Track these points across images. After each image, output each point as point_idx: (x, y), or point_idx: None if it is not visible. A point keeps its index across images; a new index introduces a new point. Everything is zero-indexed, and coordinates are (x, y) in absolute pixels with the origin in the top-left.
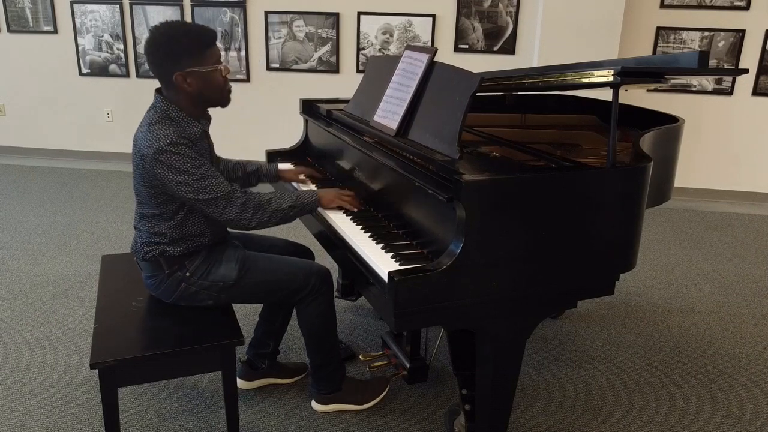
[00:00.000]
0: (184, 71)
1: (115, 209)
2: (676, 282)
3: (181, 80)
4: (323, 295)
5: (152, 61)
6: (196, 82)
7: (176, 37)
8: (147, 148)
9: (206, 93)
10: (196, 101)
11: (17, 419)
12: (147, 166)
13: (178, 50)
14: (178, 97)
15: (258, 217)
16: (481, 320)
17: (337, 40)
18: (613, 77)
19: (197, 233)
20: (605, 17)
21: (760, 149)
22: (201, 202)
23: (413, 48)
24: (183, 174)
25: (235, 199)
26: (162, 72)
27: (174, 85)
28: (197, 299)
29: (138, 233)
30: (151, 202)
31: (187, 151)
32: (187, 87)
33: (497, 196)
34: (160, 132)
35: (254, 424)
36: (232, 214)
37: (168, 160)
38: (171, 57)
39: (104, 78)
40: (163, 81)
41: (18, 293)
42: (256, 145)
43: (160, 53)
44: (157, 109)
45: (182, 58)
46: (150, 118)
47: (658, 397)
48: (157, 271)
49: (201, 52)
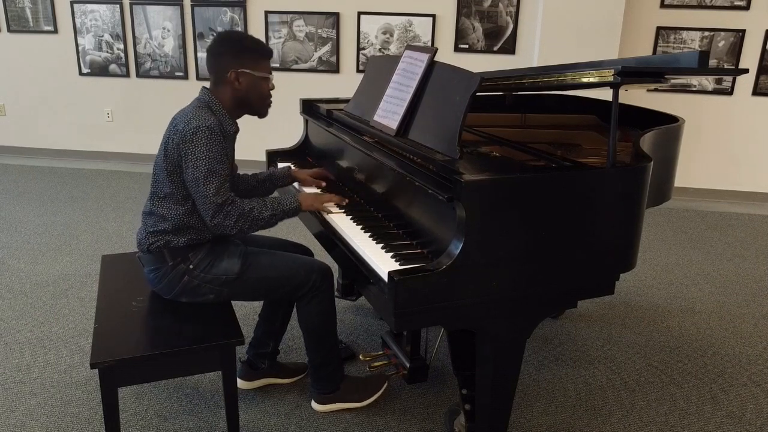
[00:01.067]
0: (239, 70)
1: (115, 209)
2: (676, 282)
3: (234, 77)
4: (324, 292)
5: (215, 52)
6: (246, 83)
7: (242, 39)
8: (185, 124)
9: (251, 97)
10: (239, 103)
11: (17, 419)
12: (177, 140)
13: (241, 49)
14: (224, 94)
15: (240, 225)
16: (481, 320)
17: (337, 39)
18: (613, 77)
19: (202, 226)
20: (605, 17)
21: (760, 149)
22: (199, 193)
23: (413, 48)
24: (203, 159)
25: (225, 209)
26: (219, 65)
27: (225, 81)
28: (199, 293)
29: (144, 222)
30: (167, 181)
31: (218, 142)
32: (237, 85)
33: (497, 196)
34: (204, 115)
35: (254, 423)
36: (216, 220)
37: (199, 140)
38: (233, 53)
39: (104, 78)
40: (216, 75)
41: (18, 293)
42: (256, 145)
43: (225, 47)
44: (201, 101)
45: (242, 57)
46: (193, 105)
47: (658, 397)
48: (160, 263)
49: (259, 59)
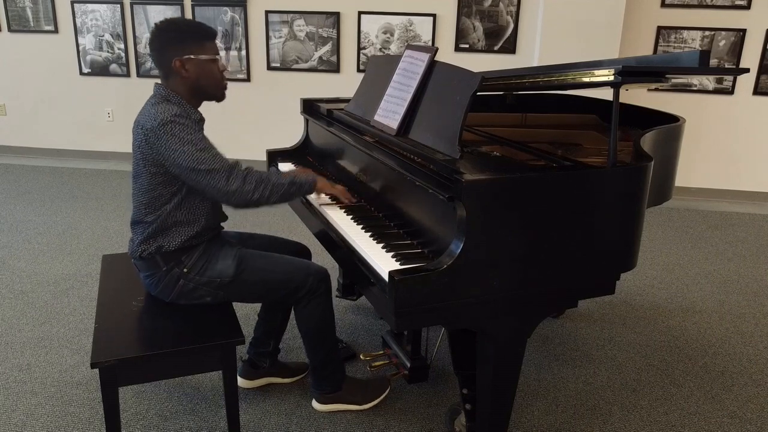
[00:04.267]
0: (183, 58)
1: (115, 209)
2: (676, 281)
3: (179, 66)
4: (321, 295)
5: (155, 47)
6: (194, 69)
7: (178, 26)
8: (151, 122)
9: (203, 83)
10: (193, 90)
11: (18, 418)
12: (150, 140)
13: (179, 37)
14: (176, 85)
15: (260, 190)
16: (482, 320)
17: (337, 39)
18: (614, 77)
19: (191, 219)
20: (606, 16)
21: (761, 148)
22: (202, 173)
23: (414, 47)
24: (186, 143)
25: (237, 172)
26: (162, 58)
27: (173, 72)
28: (195, 296)
29: (134, 231)
30: (150, 184)
31: (191, 123)
32: (184, 73)
33: (498, 195)
34: (164, 108)
35: (255, 423)
36: (234, 185)
37: (172, 129)
38: (172, 42)
39: (105, 78)
40: (163, 68)
41: (19, 293)
42: (256, 145)
43: (163, 39)
44: (157, 96)
45: (182, 44)
46: (151, 102)
47: (659, 397)
48: (154, 269)
49: (201, 42)
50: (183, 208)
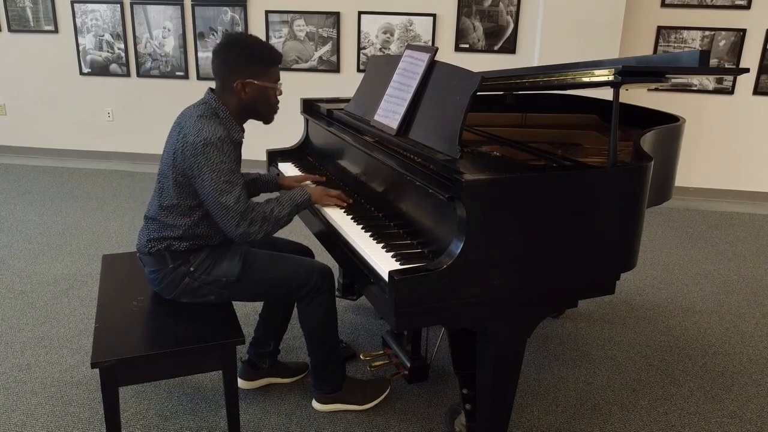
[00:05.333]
0: (245, 80)
1: (115, 209)
2: (676, 281)
3: (240, 88)
4: (324, 293)
5: (220, 57)
6: (253, 93)
7: (250, 46)
8: (195, 137)
9: (258, 106)
10: (245, 110)
11: (18, 418)
12: (187, 153)
13: (248, 58)
14: (230, 101)
15: (265, 228)
16: (482, 320)
17: (337, 39)
18: (614, 77)
19: (209, 235)
20: (606, 16)
21: (761, 148)
22: (217, 205)
23: (414, 47)
24: (217, 172)
25: (248, 216)
26: (226, 73)
27: (231, 90)
28: (199, 294)
29: (146, 226)
30: (173, 192)
31: (230, 152)
32: (243, 96)
33: (498, 195)
34: (212, 125)
35: (255, 423)
36: (241, 229)
37: (211, 153)
38: (240, 62)
39: (105, 77)
40: (222, 82)
41: (19, 293)
42: (256, 145)
43: (232, 54)
44: (207, 105)
45: (249, 66)
46: (199, 110)
47: (659, 397)
48: (161, 265)
49: (267, 67)
50: (201, 225)
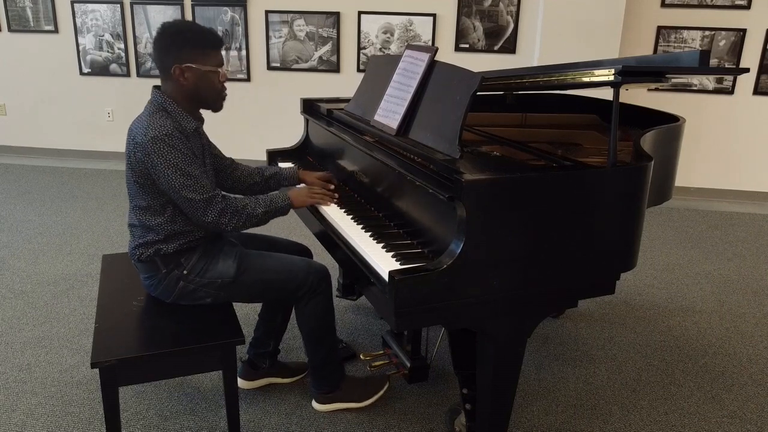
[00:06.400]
0: (183, 65)
1: (115, 209)
2: (676, 281)
3: (178, 73)
4: (321, 294)
5: (157, 47)
6: (194, 79)
7: (183, 31)
8: (142, 136)
9: (201, 92)
10: (191, 98)
11: (18, 418)
12: (139, 155)
13: (183, 42)
14: (174, 90)
15: (234, 222)
16: (482, 320)
17: (337, 39)
18: (614, 76)
19: (189, 229)
20: (606, 16)
21: (761, 148)
22: (181, 199)
23: (414, 47)
24: (171, 167)
25: (215, 204)
26: (163, 61)
27: (171, 78)
28: (196, 297)
29: (131, 234)
30: (140, 194)
31: (181, 145)
32: (183, 81)
33: (498, 195)
34: (157, 122)
35: (255, 423)
36: (210, 217)
37: (161, 150)
38: (174, 47)
39: (105, 77)
40: (162, 71)
41: (19, 293)
42: (256, 145)
43: (166, 41)
44: (154, 103)
45: (184, 50)
46: (147, 110)
47: (659, 397)
48: (154, 271)
49: (204, 51)
50: (178, 221)
